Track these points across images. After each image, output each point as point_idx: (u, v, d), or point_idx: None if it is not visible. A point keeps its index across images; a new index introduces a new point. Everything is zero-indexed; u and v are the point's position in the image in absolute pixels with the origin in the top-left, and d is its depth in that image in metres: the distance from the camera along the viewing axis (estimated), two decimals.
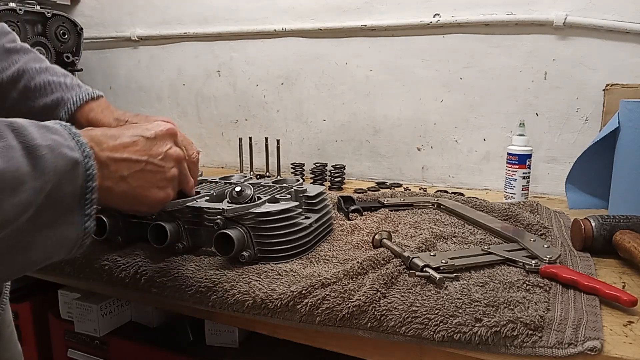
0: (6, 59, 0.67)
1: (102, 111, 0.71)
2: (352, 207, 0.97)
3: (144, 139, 0.55)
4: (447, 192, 1.20)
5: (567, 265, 0.70)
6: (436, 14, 1.25)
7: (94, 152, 0.46)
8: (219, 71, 1.58)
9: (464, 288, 0.61)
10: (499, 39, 1.20)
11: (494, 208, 0.95)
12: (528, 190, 1.08)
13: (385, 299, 0.59)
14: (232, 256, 0.69)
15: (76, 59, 1.51)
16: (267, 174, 1.37)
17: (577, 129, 1.16)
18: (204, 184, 0.90)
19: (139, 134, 0.55)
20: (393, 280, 0.64)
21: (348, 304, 0.59)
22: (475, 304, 0.57)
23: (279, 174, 1.36)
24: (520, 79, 1.20)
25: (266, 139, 1.37)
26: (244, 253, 0.69)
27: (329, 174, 1.30)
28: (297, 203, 0.76)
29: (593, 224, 0.75)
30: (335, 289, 0.61)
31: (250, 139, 1.40)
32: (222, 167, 1.64)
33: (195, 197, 0.73)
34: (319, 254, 0.74)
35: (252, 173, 1.41)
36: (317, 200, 0.82)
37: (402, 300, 0.58)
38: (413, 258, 0.67)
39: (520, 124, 1.08)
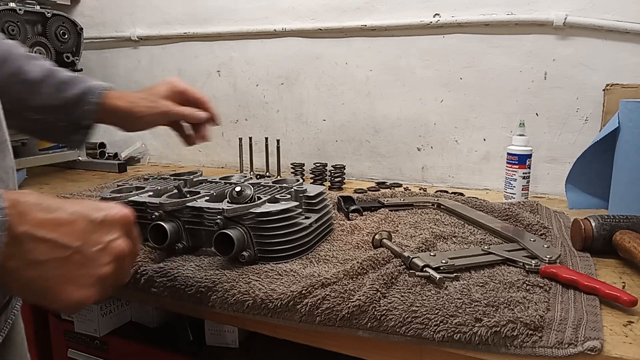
0: (30, 62, 0.75)
1: (119, 97, 0.77)
2: (352, 207, 0.97)
3: (87, 220, 0.43)
4: (447, 192, 1.20)
5: (567, 265, 0.70)
6: (436, 14, 1.25)
7: (10, 222, 0.37)
8: (219, 71, 1.58)
9: (464, 288, 0.61)
10: (499, 39, 1.20)
11: (494, 208, 0.95)
12: (528, 190, 1.08)
13: (385, 299, 0.59)
14: (232, 256, 0.69)
15: (76, 59, 1.51)
16: (267, 174, 1.37)
17: (577, 129, 1.16)
18: (204, 184, 0.90)
19: (84, 213, 0.43)
20: (393, 280, 0.64)
21: (348, 304, 0.59)
22: (475, 304, 0.57)
23: (279, 174, 1.36)
24: (520, 79, 1.20)
25: (266, 139, 1.37)
26: (244, 253, 0.69)
27: (329, 174, 1.30)
28: (297, 203, 0.77)
29: (593, 224, 0.75)
30: (335, 289, 0.61)
31: (250, 139, 1.40)
32: (222, 167, 1.64)
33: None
34: (319, 254, 0.74)
35: (252, 173, 1.41)
36: (317, 200, 0.82)
37: (402, 300, 0.58)
38: (413, 258, 0.67)
39: (520, 124, 1.08)
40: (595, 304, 0.58)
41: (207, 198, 0.77)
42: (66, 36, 1.47)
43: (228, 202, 0.73)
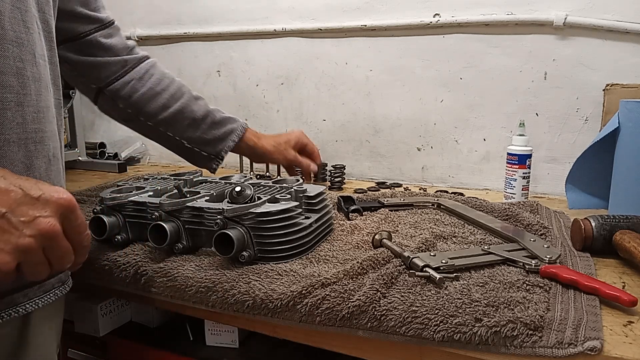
0: (196, 102, 1.04)
1: (256, 137, 1.08)
2: (352, 207, 0.97)
3: (24, 194, 0.45)
4: (447, 192, 1.20)
5: (567, 265, 0.70)
6: (436, 14, 1.25)
7: None
8: (219, 71, 1.58)
9: (464, 288, 0.61)
10: (499, 39, 1.20)
11: (494, 208, 0.95)
12: (528, 190, 1.08)
13: (385, 299, 0.59)
14: (232, 256, 0.69)
15: None
16: (267, 174, 1.37)
17: (577, 129, 1.16)
18: (204, 184, 0.90)
19: (24, 187, 0.46)
20: (393, 280, 0.64)
21: (348, 303, 0.59)
22: (475, 304, 0.57)
23: (279, 174, 1.36)
24: (520, 79, 1.20)
25: None
26: (244, 253, 0.69)
27: (329, 174, 1.30)
28: (297, 203, 0.77)
29: (593, 224, 0.75)
30: (335, 289, 0.61)
31: None
32: (222, 167, 1.63)
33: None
34: (319, 254, 0.74)
35: (252, 173, 1.41)
36: (317, 200, 0.82)
37: (402, 300, 0.58)
38: (413, 258, 0.67)
39: (520, 124, 1.08)
40: (595, 304, 0.58)
41: (207, 198, 0.77)
42: None
43: (228, 202, 0.73)
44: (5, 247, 0.44)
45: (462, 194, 1.12)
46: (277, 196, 0.78)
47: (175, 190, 0.77)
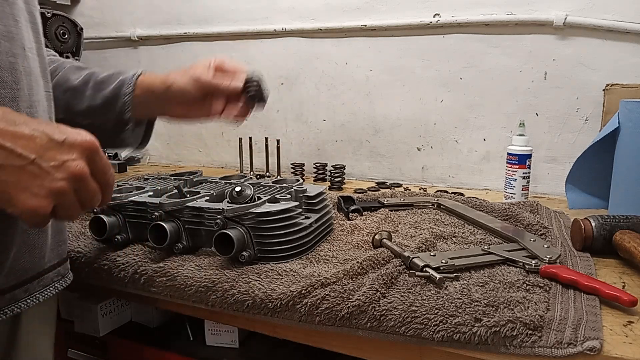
0: (77, 72, 0.79)
1: (151, 76, 0.78)
2: (352, 207, 0.97)
3: (49, 139, 0.46)
4: (447, 192, 1.20)
5: (567, 265, 0.70)
6: (436, 14, 1.25)
7: None
8: None
9: (464, 288, 0.61)
10: (499, 39, 1.20)
11: (494, 208, 0.95)
12: (528, 190, 1.08)
13: (385, 299, 0.59)
14: (232, 256, 0.69)
15: (76, 59, 1.51)
16: (267, 174, 1.37)
17: (577, 129, 1.16)
18: (204, 184, 0.90)
19: (47, 132, 0.47)
20: (393, 280, 0.64)
21: (347, 303, 0.59)
22: (475, 303, 0.57)
23: (279, 174, 1.36)
24: (520, 79, 1.20)
25: (266, 139, 1.37)
26: (244, 253, 0.69)
27: (329, 174, 1.31)
28: (297, 203, 0.77)
29: (593, 224, 0.75)
30: (334, 288, 0.61)
31: (250, 139, 1.40)
32: (222, 167, 1.64)
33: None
34: (319, 254, 0.74)
35: (252, 173, 1.41)
36: (317, 200, 0.82)
37: (401, 300, 0.58)
38: (413, 258, 0.67)
39: (520, 124, 1.08)
40: (595, 304, 0.58)
41: (207, 198, 0.77)
42: (66, 36, 1.47)
43: (228, 202, 0.73)
44: (40, 191, 0.46)
45: (462, 194, 1.12)
46: (277, 196, 0.78)
47: (175, 190, 0.77)
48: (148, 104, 0.78)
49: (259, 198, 0.74)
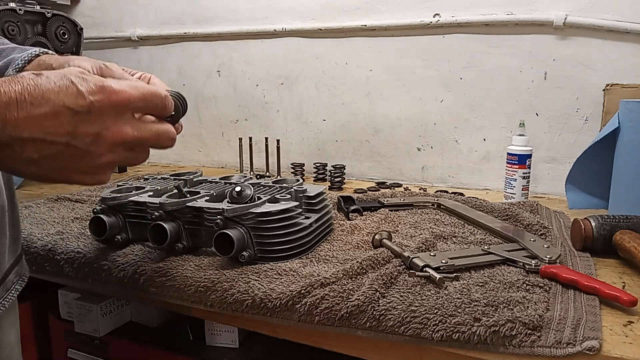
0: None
1: (51, 59, 0.62)
2: (352, 207, 0.97)
3: (72, 112, 0.40)
4: (447, 192, 1.20)
5: (567, 265, 0.70)
6: (436, 14, 1.25)
7: None
8: (219, 71, 1.58)
9: (463, 288, 0.61)
10: (499, 39, 1.20)
11: (494, 208, 0.95)
12: (528, 190, 1.08)
13: (385, 299, 0.59)
14: (232, 256, 0.69)
15: None
16: (267, 174, 1.37)
17: (577, 129, 1.16)
18: (204, 184, 0.90)
19: (67, 103, 0.40)
20: (392, 280, 0.64)
21: (347, 303, 0.59)
22: (475, 303, 0.57)
23: (279, 174, 1.36)
24: (520, 79, 1.20)
25: (266, 139, 1.37)
26: (244, 253, 0.69)
27: (329, 174, 1.31)
28: (297, 203, 0.77)
29: (593, 224, 0.75)
30: (334, 288, 0.61)
31: (250, 139, 1.40)
32: (222, 167, 1.64)
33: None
34: (319, 254, 0.74)
35: (252, 173, 1.41)
36: (317, 200, 0.82)
37: (401, 300, 0.58)
38: (413, 258, 0.67)
39: (520, 124, 1.08)
40: (595, 304, 0.58)
41: (207, 198, 0.77)
42: (66, 36, 1.47)
43: (228, 202, 0.73)
44: (90, 169, 0.43)
45: (462, 194, 1.12)
46: (277, 196, 0.78)
47: (175, 190, 0.77)
48: None
49: (259, 198, 0.74)
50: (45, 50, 0.63)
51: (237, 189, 0.73)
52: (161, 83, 0.63)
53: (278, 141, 1.34)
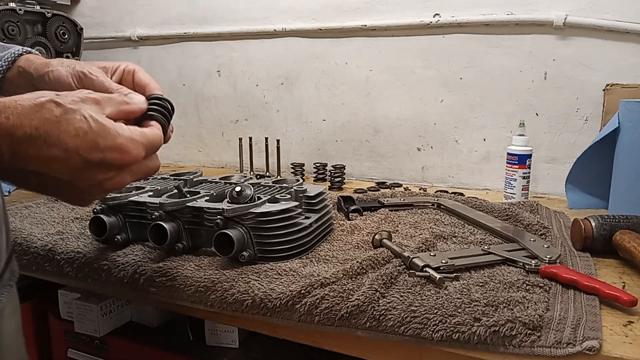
0: None
1: (36, 59, 0.59)
2: (352, 207, 0.97)
3: (83, 161, 0.42)
4: (447, 192, 1.20)
5: (567, 265, 0.70)
6: (436, 14, 1.25)
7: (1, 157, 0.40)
8: (219, 71, 1.58)
9: (463, 288, 0.61)
10: (499, 39, 1.20)
11: (494, 208, 0.95)
12: (528, 190, 1.08)
13: (385, 299, 0.59)
14: (232, 256, 0.69)
15: (76, 59, 1.51)
16: (267, 174, 1.37)
17: (577, 129, 1.16)
18: (204, 184, 0.90)
19: (80, 151, 0.42)
20: (392, 280, 0.64)
21: (347, 303, 0.59)
22: (475, 303, 0.57)
23: (279, 174, 1.36)
24: (520, 79, 1.20)
25: (266, 139, 1.37)
26: (244, 253, 0.69)
27: (329, 174, 1.31)
28: (297, 203, 0.77)
29: (593, 224, 0.75)
30: (334, 288, 0.61)
31: (250, 139, 1.40)
32: (222, 167, 1.64)
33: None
34: (319, 254, 0.74)
35: (252, 173, 1.41)
36: (317, 200, 0.82)
37: (401, 300, 0.58)
38: (413, 258, 0.67)
39: (520, 124, 1.08)
40: (595, 304, 0.58)
41: (207, 198, 0.77)
42: (66, 36, 1.47)
43: (228, 202, 0.73)
44: (86, 197, 0.47)
45: (462, 194, 1.12)
46: (277, 196, 0.78)
47: (175, 190, 0.77)
48: (19, 87, 0.60)
49: (259, 198, 0.74)
50: (28, 49, 0.63)
51: (237, 189, 0.73)
52: (146, 76, 0.63)
53: (278, 141, 1.34)
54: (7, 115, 0.40)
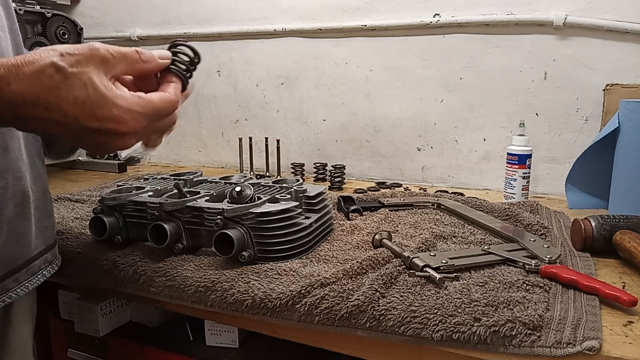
0: None
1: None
2: (352, 207, 0.97)
3: (82, 127, 0.44)
4: (447, 192, 1.20)
5: (567, 265, 0.70)
6: (436, 14, 1.25)
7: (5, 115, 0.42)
8: (219, 71, 1.58)
9: (463, 288, 0.61)
10: (499, 39, 1.20)
11: (494, 208, 0.95)
12: (528, 190, 1.08)
13: (385, 299, 0.59)
14: (232, 256, 0.69)
15: None
16: (267, 174, 1.37)
17: (577, 129, 1.16)
18: (204, 184, 0.90)
19: (79, 119, 0.44)
20: (392, 280, 0.64)
21: (347, 303, 0.59)
22: (475, 303, 0.57)
23: (279, 174, 1.36)
24: (520, 79, 1.20)
25: (266, 139, 1.37)
26: (244, 253, 0.69)
27: (329, 174, 1.31)
28: (297, 203, 0.77)
29: (593, 224, 0.75)
30: (334, 288, 0.61)
31: (250, 139, 1.40)
32: (222, 167, 1.64)
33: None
34: (319, 254, 0.74)
35: (252, 173, 1.41)
36: (317, 200, 0.82)
37: (401, 300, 0.58)
38: (413, 258, 0.67)
39: (520, 124, 1.08)
40: (595, 304, 0.58)
41: (207, 198, 0.77)
42: (66, 36, 1.47)
43: (228, 202, 0.73)
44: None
45: (462, 194, 1.12)
46: (277, 196, 0.78)
47: (175, 190, 0.77)
48: None
49: (259, 198, 0.74)
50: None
51: (237, 189, 0.73)
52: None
53: (278, 141, 1.34)
54: (9, 81, 0.41)
